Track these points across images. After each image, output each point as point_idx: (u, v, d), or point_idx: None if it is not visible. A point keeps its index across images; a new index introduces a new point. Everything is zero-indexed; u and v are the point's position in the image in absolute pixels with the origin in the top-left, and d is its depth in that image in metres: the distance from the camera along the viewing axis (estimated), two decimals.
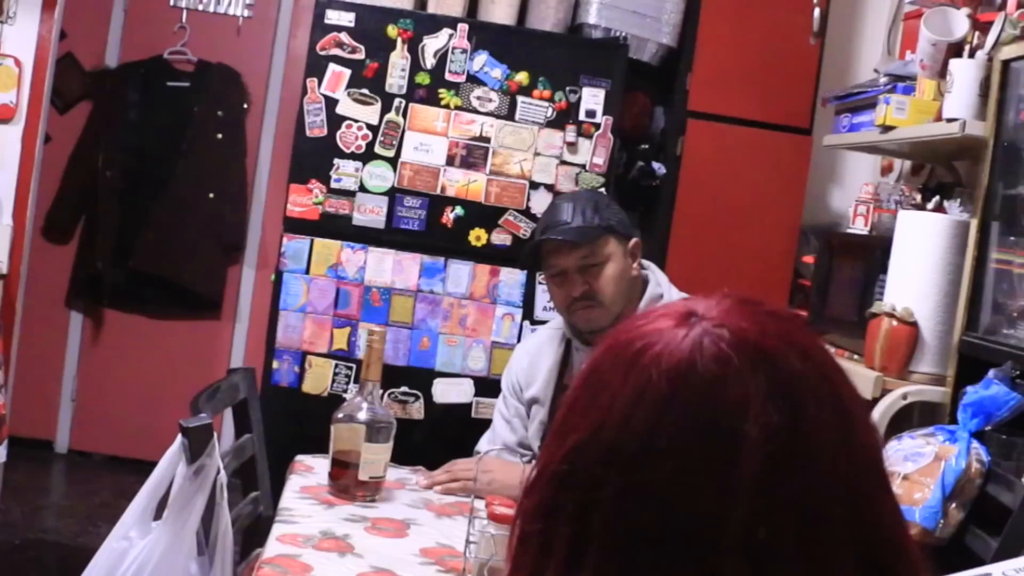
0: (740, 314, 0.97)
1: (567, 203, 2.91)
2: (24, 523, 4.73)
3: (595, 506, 0.93)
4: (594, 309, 2.86)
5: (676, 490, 0.90)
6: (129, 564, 2.18)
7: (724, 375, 0.92)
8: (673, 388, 0.93)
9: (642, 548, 0.91)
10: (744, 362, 0.93)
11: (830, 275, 3.94)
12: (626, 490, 0.92)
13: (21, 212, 4.25)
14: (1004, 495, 2.52)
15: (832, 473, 0.93)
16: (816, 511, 0.91)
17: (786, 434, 0.91)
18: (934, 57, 3.34)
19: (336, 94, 3.90)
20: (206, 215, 5.50)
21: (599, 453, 0.94)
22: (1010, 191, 3.00)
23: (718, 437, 0.91)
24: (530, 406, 3.04)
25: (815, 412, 0.93)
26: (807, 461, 0.92)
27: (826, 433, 0.93)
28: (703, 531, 0.90)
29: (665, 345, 0.95)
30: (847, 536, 0.92)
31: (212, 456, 2.22)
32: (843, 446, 0.94)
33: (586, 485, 0.94)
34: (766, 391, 0.92)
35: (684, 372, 0.93)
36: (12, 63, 4.21)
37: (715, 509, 0.89)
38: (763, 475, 0.90)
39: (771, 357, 0.94)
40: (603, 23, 4.34)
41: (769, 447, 0.90)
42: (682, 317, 0.98)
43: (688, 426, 0.91)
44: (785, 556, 0.90)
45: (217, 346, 5.69)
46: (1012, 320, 2.93)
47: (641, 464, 0.92)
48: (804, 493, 0.91)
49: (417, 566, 2.25)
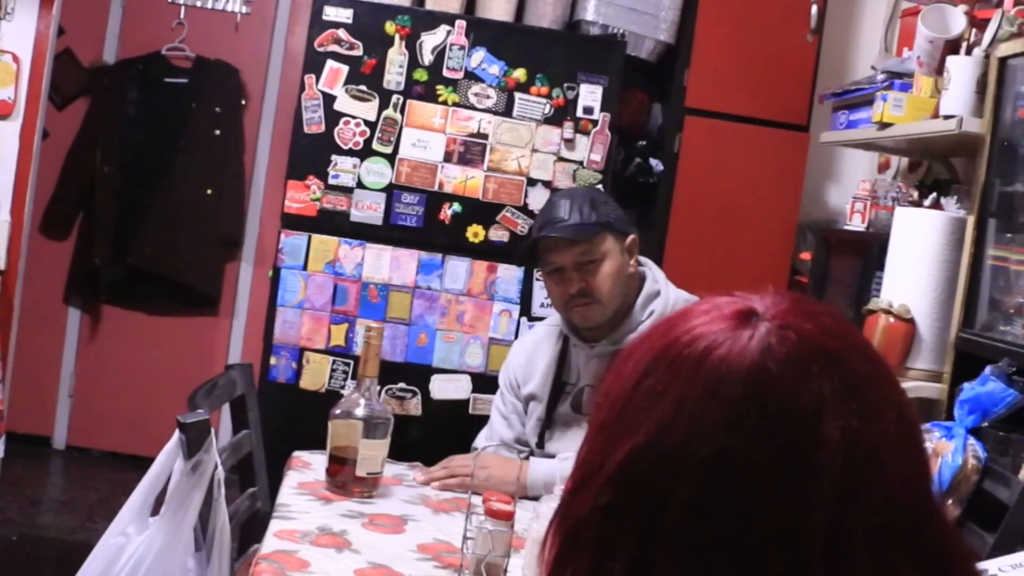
0: (800, 314, 0.96)
1: (564, 200, 2.91)
2: (21, 519, 4.73)
3: (665, 511, 0.91)
4: (591, 306, 2.86)
5: (755, 493, 0.89)
6: (126, 560, 2.18)
7: (797, 377, 0.91)
8: (748, 389, 0.91)
9: (718, 554, 0.89)
10: (813, 363, 0.92)
11: (827, 272, 3.95)
12: (700, 496, 0.90)
13: (19, 208, 4.26)
14: (1000, 491, 2.53)
15: (900, 477, 0.92)
16: (886, 516, 0.90)
17: (862, 435, 0.90)
18: (931, 54, 3.34)
19: (334, 90, 3.90)
20: (204, 211, 5.50)
21: (668, 455, 0.92)
22: (1007, 188, 3.01)
23: (797, 439, 0.90)
24: (527, 402, 3.04)
25: (884, 413, 0.93)
26: (880, 464, 0.91)
27: (892, 435, 0.93)
28: (784, 538, 0.88)
29: (731, 346, 0.94)
30: (909, 534, 0.92)
31: (209, 452, 2.22)
32: (905, 447, 0.94)
33: (655, 489, 0.92)
34: (840, 393, 0.91)
35: (757, 373, 0.92)
36: (10, 59, 4.21)
37: (796, 514, 0.88)
38: (843, 479, 0.89)
39: (838, 359, 0.93)
40: (601, 20, 4.34)
41: (847, 450, 0.89)
42: (742, 317, 0.96)
43: (766, 428, 0.90)
44: (859, 563, 0.89)
45: (215, 342, 5.70)
46: (1008, 317, 2.94)
47: (717, 470, 0.90)
48: (877, 498, 0.90)
49: (414, 562, 2.25)
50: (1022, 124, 2.96)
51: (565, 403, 2.97)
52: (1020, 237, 2.94)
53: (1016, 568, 1.73)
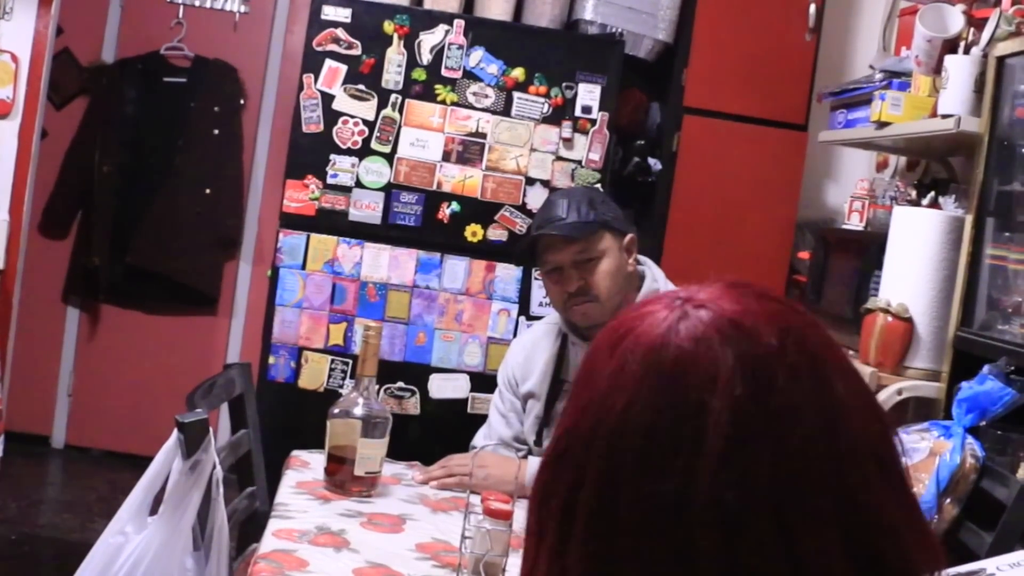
0: (727, 296, 0.98)
1: (562, 199, 2.91)
2: (20, 518, 4.73)
3: (579, 489, 0.94)
4: (590, 304, 2.87)
5: (646, 466, 0.91)
6: (125, 559, 2.18)
7: (696, 351, 0.94)
8: (646, 366, 0.94)
9: (619, 525, 0.92)
10: (718, 338, 0.94)
11: (825, 271, 3.95)
12: (604, 471, 0.93)
13: (18, 207, 4.26)
14: (998, 490, 2.53)
15: (809, 451, 0.92)
16: (792, 488, 0.91)
17: (755, 407, 0.91)
18: (929, 53, 3.34)
19: (332, 90, 3.90)
20: (203, 210, 5.50)
21: (583, 436, 0.96)
22: (1005, 187, 3.01)
23: (685, 411, 0.92)
24: (526, 401, 3.05)
25: (786, 388, 0.93)
26: (778, 437, 0.92)
27: (800, 410, 0.93)
28: (673, 507, 0.90)
29: (645, 327, 0.97)
30: (829, 516, 0.92)
31: (208, 451, 2.22)
32: (822, 422, 0.94)
33: (572, 469, 0.96)
34: (735, 364, 0.92)
35: (656, 350, 0.95)
36: (9, 58, 4.21)
37: (682, 483, 0.90)
38: (729, 448, 0.90)
39: (745, 332, 0.95)
40: (599, 19, 4.35)
41: (734, 420, 0.91)
42: (671, 301, 0.99)
43: (658, 403, 0.93)
44: (760, 534, 0.89)
45: (213, 341, 5.70)
46: (1007, 316, 2.94)
47: (616, 443, 0.93)
48: (777, 469, 0.91)
49: (413, 561, 2.25)
50: (1020, 123, 2.96)
51: (563, 401, 2.96)
52: (1018, 236, 2.94)
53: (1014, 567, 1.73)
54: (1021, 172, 2.94)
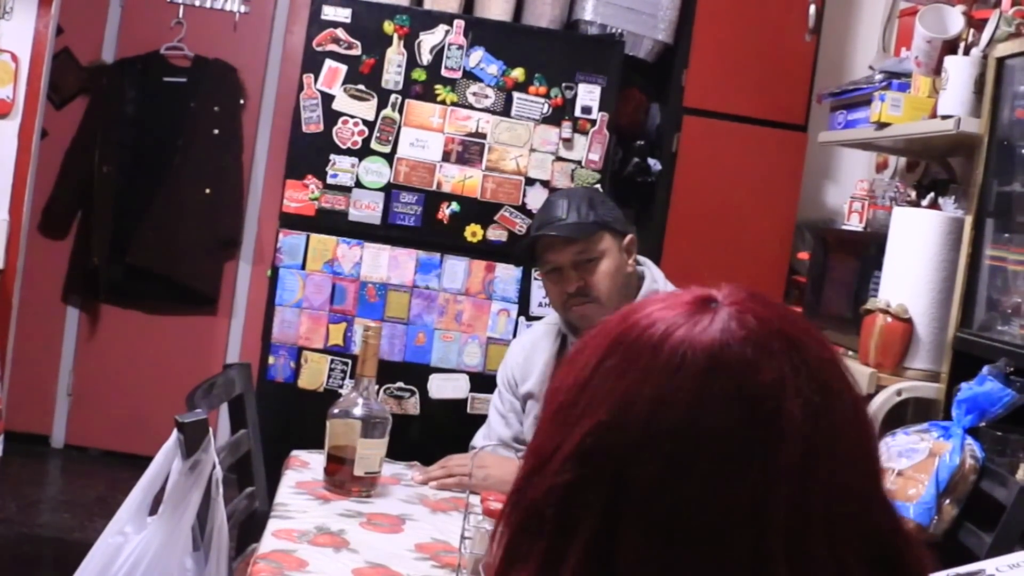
0: (756, 302, 0.98)
1: (562, 199, 2.92)
2: (20, 518, 4.73)
3: (628, 486, 0.91)
4: (589, 305, 2.86)
5: (719, 468, 0.90)
6: (124, 559, 2.18)
7: (758, 355, 0.93)
8: (711, 365, 0.92)
9: (684, 527, 0.90)
10: (774, 344, 0.94)
11: (825, 271, 3.95)
12: (666, 469, 0.91)
13: (17, 207, 4.26)
14: (998, 491, 2.53)
15: (850, 459, 0.94)
16: (839, 495, 0.92)
17: (822, 415, 0.92)
18: (929, 54, 3.34)
19: (332, 90, 3.90)
20: (202, 210, 5.50)
21: (631, 430, 0.92)
22: (1004, 188, 3.01)
23: (760, 415, 0.91)
24: (525, 401, 3.05)
25: (842, 398, 0.95)
26: (836, 444, 0.93)
27: (849, 421, 0.95)
28: (748, 510, 0.89)
29: (691, 328, 0.95)
30: (860, 522, 0.93)
31: (208, 451, 2.22)
32: (857, 434, 0.96)
33: (617, 464, 0.92)
34: (799, 372, 0.93)
35: (719, 351, 0.93)
36: (9, 58, 4.21)
37: (759, 487, 0.89)
38: (802, 457, 0.90)
39: (795, 341, 0.95)
40: (599, 19, 4.35)
41: (809, 427, 0.91)
42: (700, 303, 0.98)
43: (730, 402, 0.91)
44: (815, 541, 0.90)
45: (213, 341, 5.69)
46: (1006, 317, 2.94)
47: (682, 443, 0.91)
48: (833, 478, 0.92)
49: (412, 561, 2.25)
50: (1020, 124, 2.96)
51: None
52: (1018, 237, 2.94)
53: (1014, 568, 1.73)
54: (1021, 173, 2.94)
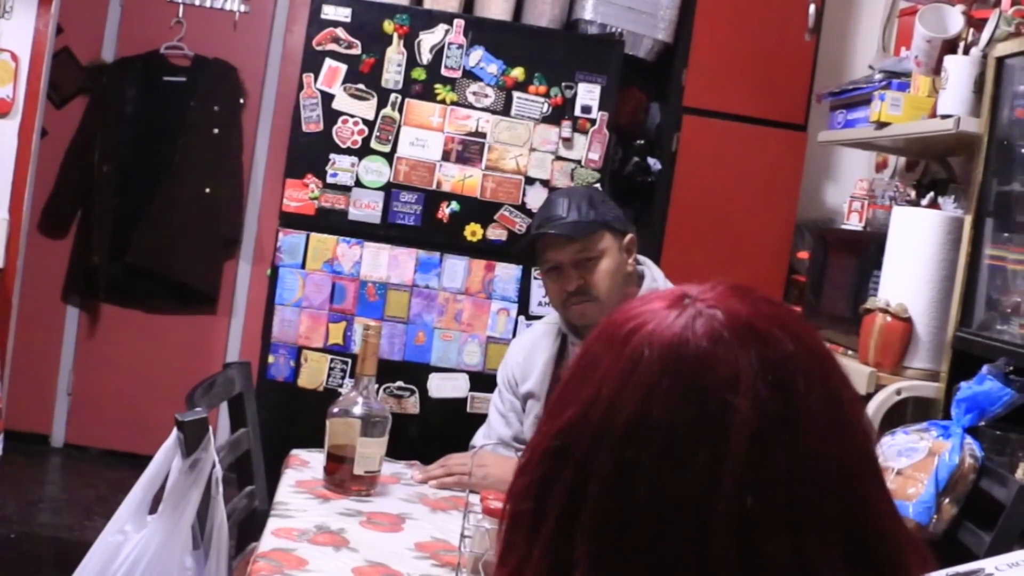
0: (734, 298, 0.99)
1: (562, 198, 2.91)
2: (20, 517, 4.73)
3: (587, 481, 0.94)
4: (589, 304, 2.86)
5: (666, 463, 0.91)
6: (124, 558, 2.18)
7: (715, 352, 0.94)
8: (664, 363, 0.94)
9: (633, 522, 0.92)
10: (736, 340, 0.94)
11: (825, 271, 3.95)
12: (618, 465, 0.93)
13: (17, 206, 4.26)
14: (997, 490, 2.53)
15: (820, 456, 0.93)
16: (804, 492, 0.92)
17: (776, 411, 0.92)
18: (929, 54, 3.35)
19: (332, 89, 3.90)
20: (202, 210, 5.50)
21: (591, 429, 0.95)
22: (1004, 187, 3.01)
23: (708, 410, 0.92)
24: (525, 400, 3.04)
25: (804, 393, 0.94)
26: (796, 440, 0.93)
27: (816, 415, 0.94)
28: (692, 505, 0.90)
29: (657, 324, 0.97)
30: (834, 521, 0.93)
31: (208, 450, 2.22)
32: (833, 431, 0.95)
33: (578, 460, 0.95)
34: (757, 368, 0.93)
35: (675, 348, 0.95)
36: (9, 57, 4.22)
37: (704, 482, 0.90)
38: (752, 450, 0.91)
39: (763, 336, 0.95)
40: (599, 19, 4.35)
41: (759, 422, 0.91)
42: (675, 299, 0.99)
43: (679, 400, 0.93)
44: (772, 536, 0.90)
45: (213, 340, 5.70)
46: (1006, 316, 2.94)
47: (632, 439, 0.93)
48: (792, 472, 0.92)
49: (412, 560, 2.25)
50: (1019, 124, 2.96)
51: None
52: (1017, 237, 2.95)
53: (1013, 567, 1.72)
54: (1020, 172, 2.95)
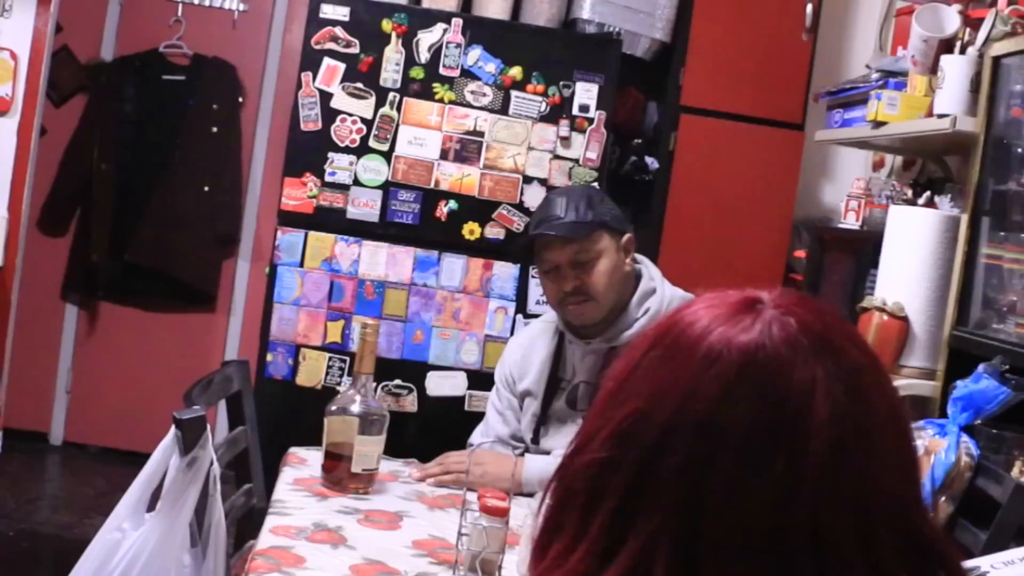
0: (802, 306, 1.00)
1: (560, 198, 2.91)
2: (18, 514, 4.74)
3: (654, 468, 0.95)
4: (586, 304, 2.86)
5: (742, 465, 0.92)
6: (122, 556, 2.18)
7: (793, 357, 0.95)
8: (743, 366, 0.95)
9: (700, 520, 0.93)
10: (811, 348, 0.96)
11: (822, 269, 3.96)
12: (690, 458, 0.94)
13: (17, 205, 4.27)
14: (993, 488, 2.54)
15: (888, 464, 0.96)
16: (873, 504, 0.93)
17: (851, 419, 0.94)
18: (925, 53, 3.35)
19: (331, 88, 3.91)
20: (201, 208, 5.50)
21: (661, 420, 0.96)
22: (1000, 186, 3.02)
23: (787, 415, 0.93)
24: (523, 399, 3.05)
25: (876, 403, 0.97)
26: (869, 449, 0.94)
27: (884, 425, 0.96)
28: (770, 508, 0.91)
29: (731, 327, 0.98)
30: (897, 523, 0.95)
31: (205, 448, 2.23)
32: (895, 437, 0.97)
33: (646, 447, 0.96)
34: (833, 376, 0.94)
35: (754, 350, 0.96)
36: (8, 56, 4.22)
37: (782, 485, 0.91)
38: (831, 455, 0.92)
39: (835, 346, 0.97)
40: (597, 18, 4.35)
41: (835, 430, 0.93)
42: (747, 304, 1.00)
43: (757, 402, 0.94)
44: (844, 536, 0.92)
45: (211, 338, 5.70)
46: (1002, 315, 2.95)
47: (707, 435, 0.94)
48: (866, 479, 0.93)
49: (409, 558, 2.26)
50: (1016, 123, 2.97)
51: (560, 399, 2.98)
52: (1013, 236, 2.95)
53: (1008, 565, 1.74)
54: (1016, 171, 2.95)
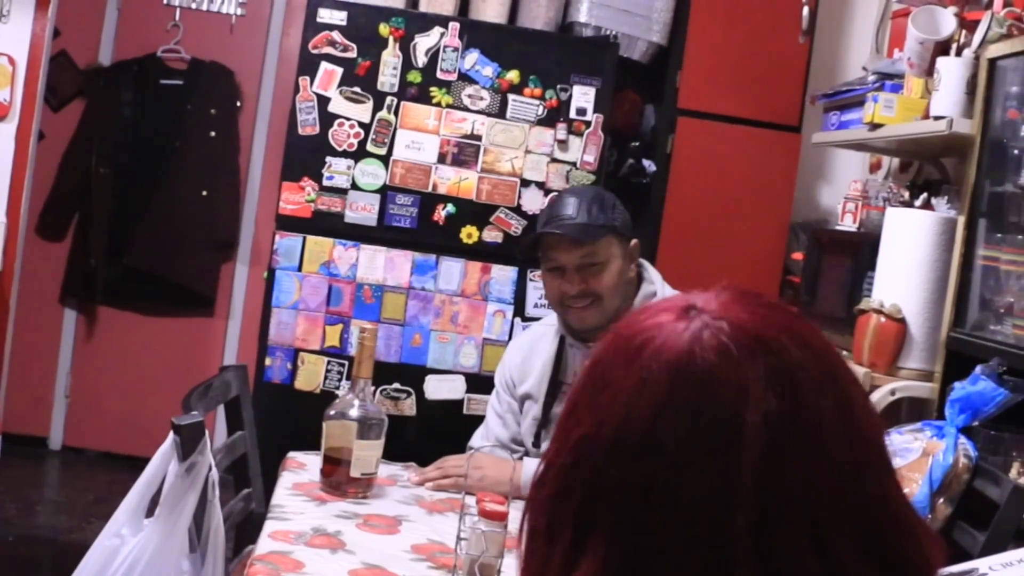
0: (739, 306, 0.99)
1: (573, 197, 2.90)
2: (17, 519, 4.74)
3: (598, 496, 0.95)
4: (589, 309, 2.86)
5: (679, 480, 0.92)
6: (121, 561, 2.18)
7: (723, 365, 0.94)
8: (672, 380, 0.94)
9: (647, 536, 0.92)
10: (743, 351, 0.94)
11: (819, 272, 3.96)
12: (627, 480, 0.93)
13: (15, 209, 4.27)
14: (991, 490, 2.54)
15: (836, 460, 0.94)
16: (822, 494, 0.92)
17: (787, 420, 0.92)
18: (922, 55, 3.36)
19: (328, 92, 3.91)
20: (199, 212, 5.51)
21: (603, 446, 0.95)
22: (997, 188, 3.02)
23: (718, 425, 0.92)
24: (523, 402, 3.05)
25: (815, 399, 0.95)
26: (810, 447, 0.93)
27: (827, 419, 0.95)
28: (709, 519, 0.91)
29: (665, 339, 0.97)
30: (853, 519, 0.93)
31: (204, 453, 2.23)
32: (845, 432, 0.96)
33: (590, 476, 0.96)
34: (765, 378, 0.93)
35: (683, 364, 0.94)
36: (6, 61, 4.22)
37: (720, 496, 0.91)
38: (766, 462, 0.91)
39: (769, 346, 0.95)
40: (594, 22, 4.36)
41: (770, 433, 0.91)
42: (682, 311, 0.99)
43: (688, 416, 0.93)
44: (794, 540, 0.91)
45: (210, 343, 5.70)
46: (999, 316, 2.95)
47: (643, 456, 0.93)
48: (808, 476, 0.92)
49: (408, 562, 2.26)
50: (1012, 125, 2.97)
51: (561, 403, 2.98)
52: (1010, 237, 2.95)
53: (1007, 567, 1.74)
54: (1013, 173, 2.95)
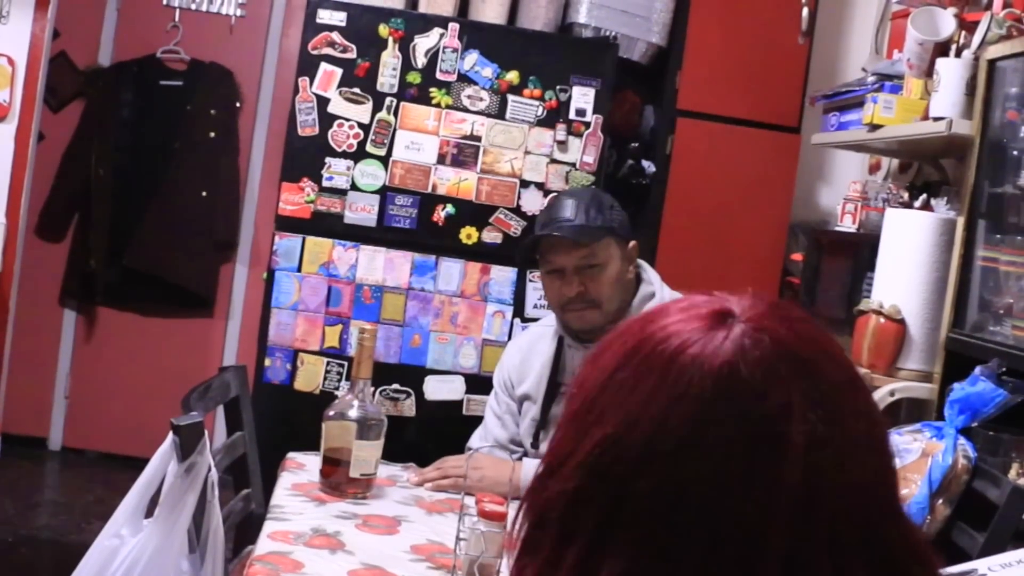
0: (775, 318, 0.97)
1: (571, 199, 2.89)
2: (17, 520, 4.74)
3: (628, 498, 0.93)
4: (588, 310, 2.86)
5: (716, 491, 0.91)
6: (120, 562, 2.18)
7: (766, 380, 0.93)
8: (717, 390, 0.92)
9: (675, 544, 0.91)
10: (785, 368, 0.93)
11: (818, 272, 3.96)
12: (662, 486, 0.92)
13: (14, 210, 4.27)
14: (990, 491, 2.54)
15: (861, 477, 0.94)
16: (846, 521, 0.92)
17: (828, 443, 0.92)
18: (921, 56, 3.36)
19: (328, 93, 3.91)
20: (199, 213, 5.50)
21: (635, 448, 0.93)
22: (996, 189, 3.03)
23: (762, 441, 0.91)
24: (522, 403, 3.05)
25: (852, 423, 0.94)
26: (843, 470, 0.92)
27: (858, 440, 0.95)
28: (743, 534, 0.90)
29: (704, 346, 0.95)
30: (879, 548, 0.93)
31: (203, 454, 2.23)
32: (871, 453, 0.96)
33: (620, 477, 0.94)
34: (808, 398, 0.92)
35: (728, 375, 0.93)
36: (5, 62, 4.23)
37: (756, 514, 0.90)
38: (804, 483, 0.90)
39: (810, 365, 0.95)
40: (593, 22, 4.36)
41: (811, 456, 0.91)
42: (717, 317, 0.97)
43: (731, 428, 0.92)
44: (817, 558, 0.90)
45: (209, 344, 5.70)
46: (998, 317, 2.96)
47: (680, 462, 0.92)
48: (838, 494, 0.92)
49: (408, 563, 2.26)
50: (1011, 126, 2.98)
51: (560, 404, 2.97)
52: (1009, 238, 2.96)
53: (1006, 567, 1.74)
54: (1012, 174, 2.96)
